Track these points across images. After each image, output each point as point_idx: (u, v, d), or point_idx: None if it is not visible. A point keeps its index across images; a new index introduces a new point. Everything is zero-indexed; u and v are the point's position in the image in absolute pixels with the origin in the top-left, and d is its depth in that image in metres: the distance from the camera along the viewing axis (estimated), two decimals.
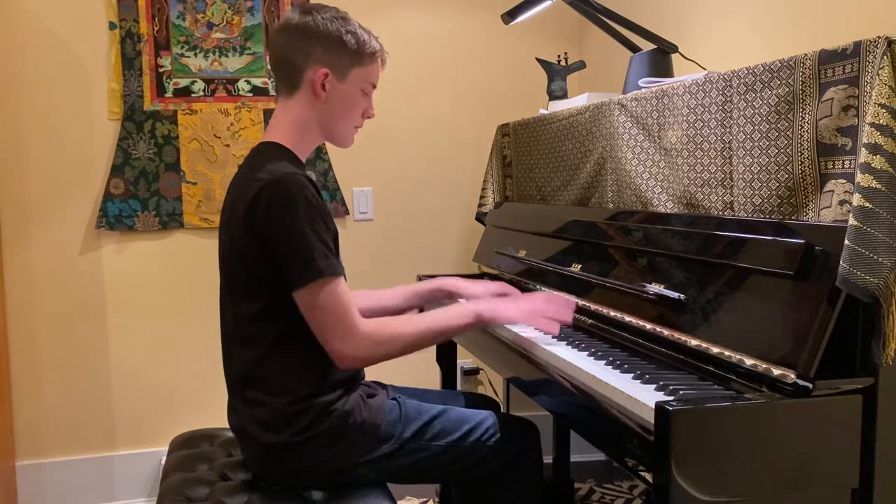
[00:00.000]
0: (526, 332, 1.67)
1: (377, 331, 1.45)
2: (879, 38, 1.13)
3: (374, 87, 1.59)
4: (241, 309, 1.48)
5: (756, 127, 1.39)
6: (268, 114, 2.71)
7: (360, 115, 1.59)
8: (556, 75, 2.48)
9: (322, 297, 1.38)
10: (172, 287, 2.68)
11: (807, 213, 1.30)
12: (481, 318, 1.56)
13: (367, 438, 1.50)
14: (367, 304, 1.81)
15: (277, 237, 1.39)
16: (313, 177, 1.48)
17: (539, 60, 2.53)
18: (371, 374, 1.73)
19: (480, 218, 2.65)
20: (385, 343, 1.45)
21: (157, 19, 2.61)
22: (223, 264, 1.53)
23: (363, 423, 1.50)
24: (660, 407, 1.06)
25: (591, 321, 1.68)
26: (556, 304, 1.59)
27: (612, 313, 1.58)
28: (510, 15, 2.29)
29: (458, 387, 2.64)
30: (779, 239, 1.25)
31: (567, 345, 1.55)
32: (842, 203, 1.22)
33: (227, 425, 1.57)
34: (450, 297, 1.87)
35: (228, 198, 1.51)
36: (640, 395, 1.19)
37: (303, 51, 1.50)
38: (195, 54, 2.65)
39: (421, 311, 1.87)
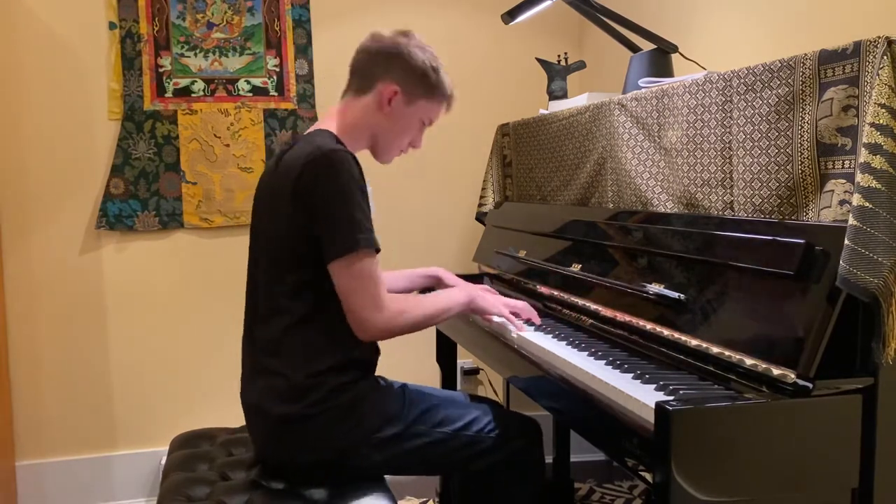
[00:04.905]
0: (530, 334, 1.67)
1: (399, 306, 1.51)
2: (879, 38, 1.13)
3: (431, 123, 1.70)
4: (276, 283, 1.51)
5: (756, 127, 1.39)
6: (268, 113, 2.71)
7: (407, 142, 1.69)
8: (556, 75, 2.48)
9: (359, 267, 1.44)
10: (172, 287, 2.68)
11: (807, 213, 1.30)
12: (473, 301, 1.68)
13: (375, 418, 1.52)
14: None
15: (322, 206, 1.44)
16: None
17: (539, 60, 2.53)
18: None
19: (480, 218, 2.65)
20: (405, 319, 1.52)
21: (157, 19, 2.61)
22: (261, 239, 1.58)
23: (373, 403, 1.53)
24: (660, 407, 1.06)
25: (591, 321, 1.68)
26: (527, 310, 1.75)
27: (613, 313, 1.59)
28: (510, 15, 2.29)
29: (458, 387, 2.64)
30: (779, 239, 1.25)
31: (567, 345, 1.55)
32: (842, 203, 1.22)
33: (227, 425, 1.57)
34: (439, 282, 2.01)
35: (273, 171, 1.55)
36: (640, 395, 1.19)
37: (385, 64, 1.61)
38: (195, 54, 2.65)
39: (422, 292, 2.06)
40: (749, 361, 1.19)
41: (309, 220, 1.45)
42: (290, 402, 1.47)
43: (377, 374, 1.70)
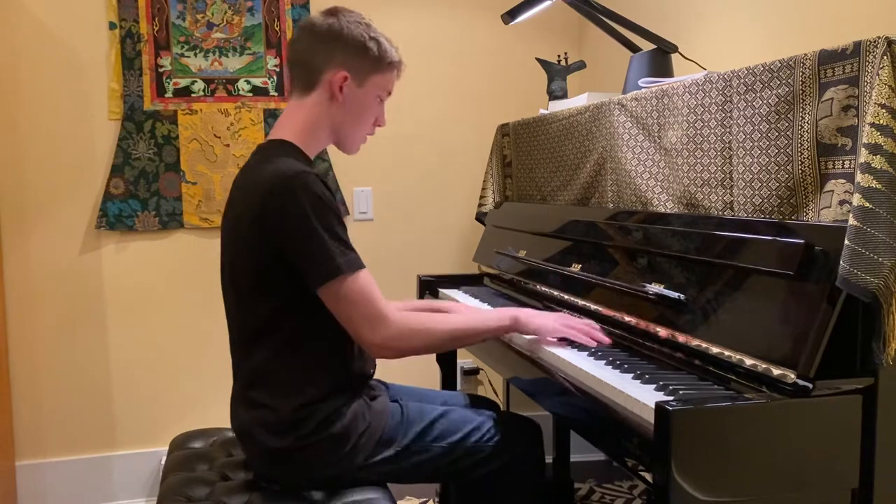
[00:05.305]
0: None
1: (407, 322, 1.44)
2: (879, 38, 1.13)
3: (389, 94, 1.60)
4: (251, 311, 1.47)
5: (756, 127, 1.39)
6: (268, 113, 2.70)
7: (371, 123, 1.60)
8: (556, 75, 2.48)
9: (345, 292, 1.38)
10: (172, 287, 2.68)
11: (807, 213, 1.30)
12: (517, 322, 1.57)
13: (370, 444, 1.49)
14: None
15: (291, 239, 1.38)
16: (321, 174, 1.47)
17: (539, 60, 2.53)
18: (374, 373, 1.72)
19: (480, 218, 2.65)
20: (417, 335, 1.46)
21: (157, 19, 2.61)
22: (230, 267, 1.51)
23: (366, 428, 1.49)
24: (660, 407, 1.06)
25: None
26: (583, 324, 1.58)
27: (612, 313, 1.58)
28: (510, 15, 2.29)
29: (458, 387, 2.64)
30: (779, 239, 1.25)
31: (567, 345, 1.55)
32: (842, 203, 1.22)
33: (228, 425, 1.56)
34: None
35: (236, 197, 1.50)
36: (640, 395, 1.19)
37: (324, 52, 1.51)
38: (195, 54, 2.65)
39: None
40: (749, 361, 1.19)
41: (279, 251, 1.39)
42: (281, 435, 1.43)
43: (377, 376, 1.69)
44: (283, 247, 1.39)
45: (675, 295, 1.40)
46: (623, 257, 1.68)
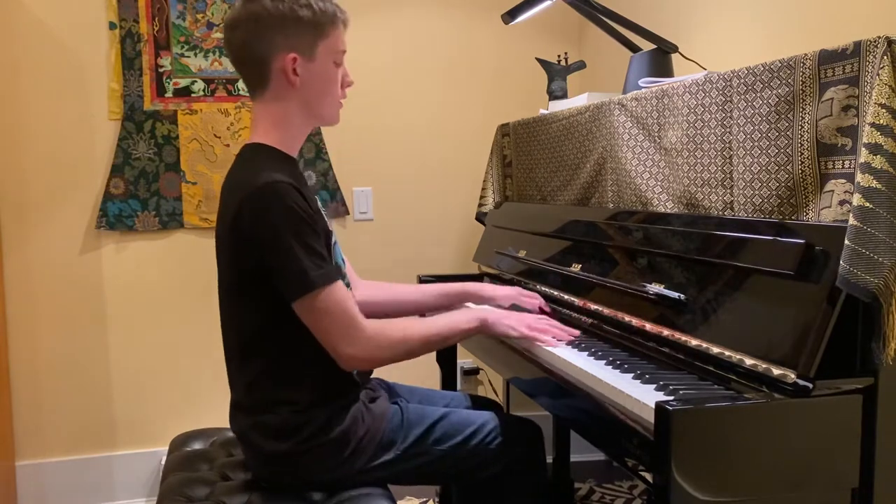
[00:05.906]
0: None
1: (382, 332, 1.43)
2: (879, 38, 1.13)
3: (344, 52, 1.51)
4: (244, 317, 1.46)
5: (756, 127, 1.39)
6: None
7: (339, 88, 1.52)
8: (556, 75, 2.48)
9: (319, 305, 1.36)
10: (172, 287, 2.68)
11: (807, 213, 1.30)
12: (485, 324, 1.57)
13: (370, 447, 1.48)
14: (383, 296, 1.82)
15: (266, 251, 1.36)
16: (311, 179, 1.46)
17: (539, 60, 2.53)
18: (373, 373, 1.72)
19: (480, 218, 2.65)
20: (391, 345, 1.44)
21: (157, 19, 2.61)
22: (222, 276, 1.49)
23: (366, 432, 1.48)
24: (660, 407, 1.06)
25: (591, 321, 1.68)
26: (556, 328, 1.61)
27: (612, 313, 1.58)
28: (510, 15, 2.29)
29: (458, 387, 2.64)
30: (779, 239, 1.25)
31: (567, 345, 1.55)
32: (842, 203, 1.22)
33: (228, 425, 1.56)
34: (474, 300, 1.87)
35: (221, 202, 1.48)
36: (640, 395, 1.19)
37: (262, 41, 1.42)
38: (195, 54, 2.65)
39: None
40: (749, 361, 1.19)
41: (256, 262, 1.37)
42: (279, 439, 1.43)
43: (376, 377, 1.69)
44: (261, 257, 1.37)
45: (675, 295, 1.40)
46: (623, 257, 1.68)
